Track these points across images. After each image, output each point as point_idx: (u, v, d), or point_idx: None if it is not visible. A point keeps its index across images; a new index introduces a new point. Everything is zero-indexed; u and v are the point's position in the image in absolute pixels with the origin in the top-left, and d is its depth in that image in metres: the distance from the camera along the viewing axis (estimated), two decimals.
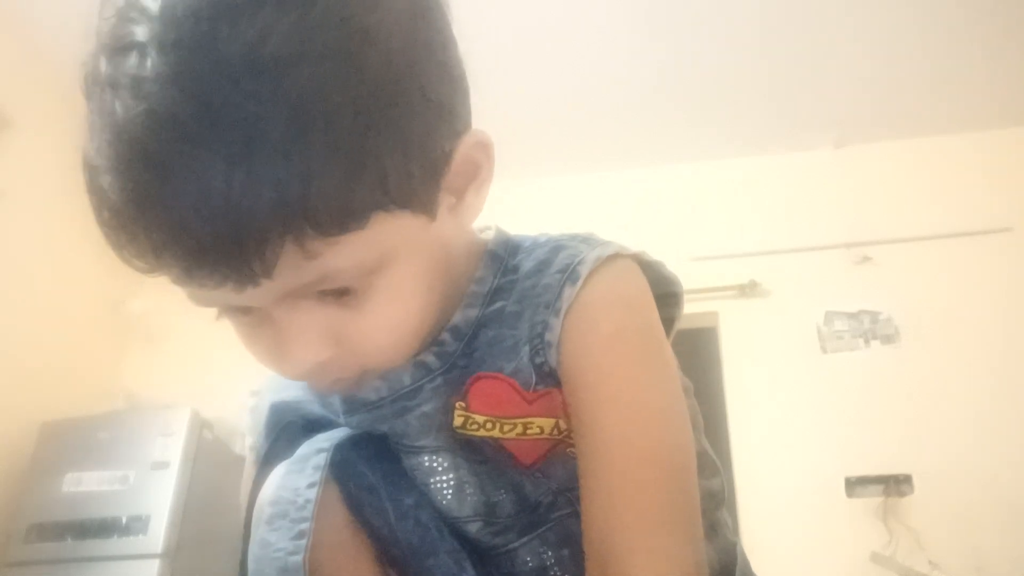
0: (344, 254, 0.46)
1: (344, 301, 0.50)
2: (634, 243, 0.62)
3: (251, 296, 0.47)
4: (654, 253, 0.64)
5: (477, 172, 0.56)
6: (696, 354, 3.11)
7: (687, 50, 2.97)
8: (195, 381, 3.08)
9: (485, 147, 0.56)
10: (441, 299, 0.58)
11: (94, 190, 0.47)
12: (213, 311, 0.53)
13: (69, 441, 2.66)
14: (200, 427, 2.66)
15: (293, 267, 0.45)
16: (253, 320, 0.52)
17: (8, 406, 2.75)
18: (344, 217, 0.45)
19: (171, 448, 2.56)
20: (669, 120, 3.26)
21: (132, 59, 0.44)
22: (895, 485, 2.71)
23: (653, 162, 3.40)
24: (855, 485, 2.74)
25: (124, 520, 2.47)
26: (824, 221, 3.18)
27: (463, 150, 0.53)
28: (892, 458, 2.75)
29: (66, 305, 3.12)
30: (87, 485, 2.54)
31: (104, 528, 2.46)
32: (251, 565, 0.55)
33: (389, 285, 0.51)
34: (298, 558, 0.53)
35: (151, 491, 2.50)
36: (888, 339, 2.97)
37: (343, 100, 0.44)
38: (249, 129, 0.42)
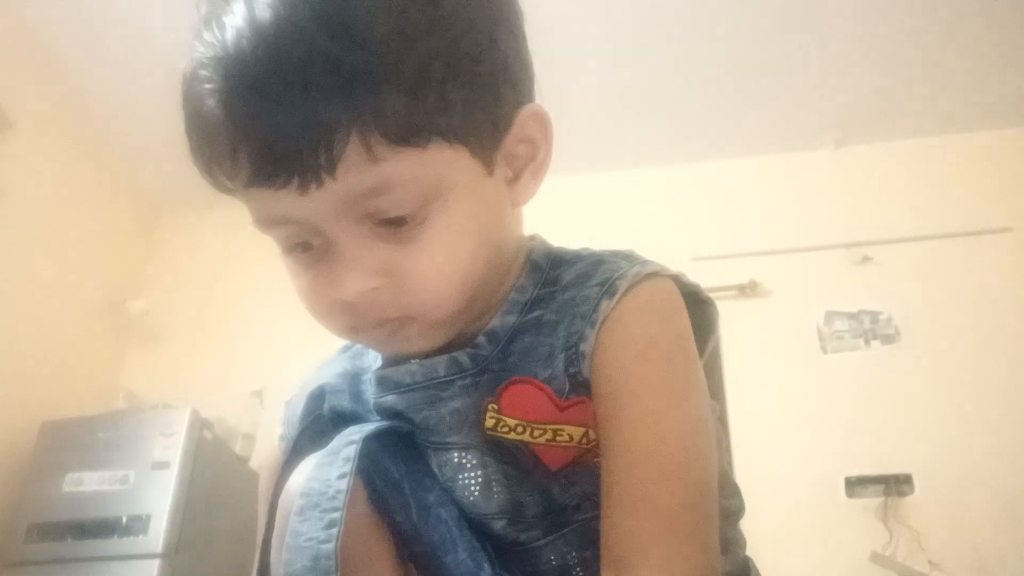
0: (404, 166, 0.51)
1: (398, 234, 0.54)
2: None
3: (313, 202, 0.51)
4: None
5: (535, 153, 0.61)
6: None
7: (687, 50, 2.97)
8: (195, 381, 3.09)
9: (542, 120, 0.61)
10: (487, 272, 0.60)
11: (189, 92, 0.52)
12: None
13: (69, 441, 2.66)
14: (200, 427, 2.66)
15: (356, 167, 0.49)
16: (310, 258, 0.56)
17: (8, 406, 2.75)
18: (408, 127, 0.50)
19: (171, 448, 2.56)
20: (669, 120, 3.27)
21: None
22: (895, 485, 2.71)
23: (654, 162, 3.40)
24: (855, 485, 2.74)
25: (124, 520, 2.46)
26: (824, 221, 3.18)
27: (523, 118, 0.59)
28: (892, 458, 2.75)
29: (66, 305, 3.12)
30: (87, 485, 2.54)
31: (104, 528, 2.46)
32: (284, 555, 0.55)
33: (442, 221, 0.54)
34: (330, 546, 0.53)
35: (151, 491, 2.49)
36: (888, 339, 2.97)
37: (422, 28, 0.50)
38: (337, 59, 0.48)
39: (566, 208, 3.25)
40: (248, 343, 3.16)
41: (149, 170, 3.28)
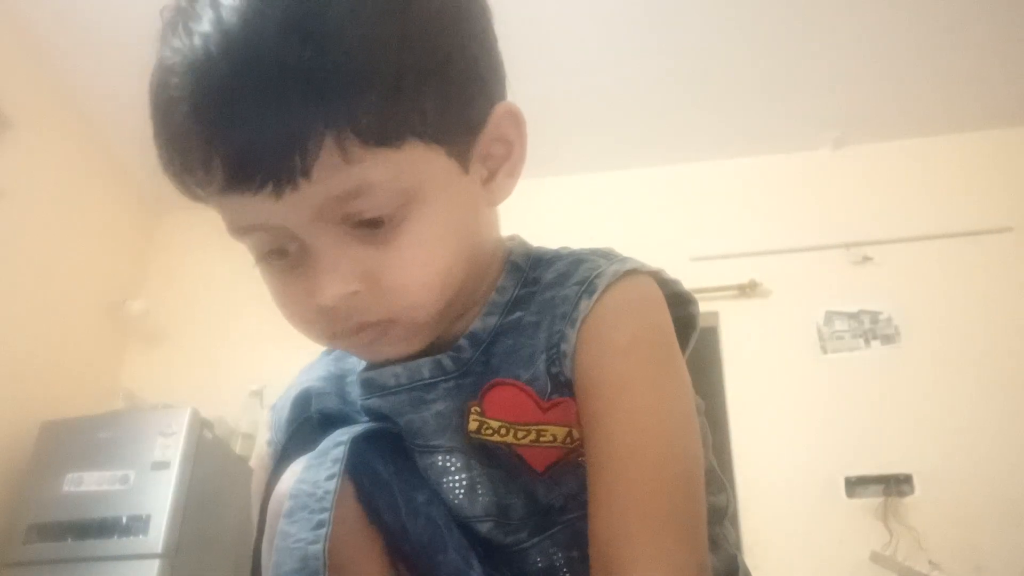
0: (380, 168, 0.51)
1: (376, 236, 0.53)
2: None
3: (289, 206, 0.50)
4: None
5: (509, 152, 0.61)
6: (696, 354, 3.10)
7: (687, 50, 2.97)
8: (195, 381, 3.09)
9: (516, 118, 0.61)
10: (466, 271, 0.59)
11: (159, 101, 0.52)
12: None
13: (69, 441, 2.66)
14: (200, 427, 2.66)
15: (331, 169, 0.49)
16: (286, 265, 0.56)
17: (8, 406, 2.75)
18: (383, 127, 0.50)
19: (171, 448, 2.56)
20: (669, 120, 3.27)
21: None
22: (895, 485, 2.71)
23: (653, 162, 3.40)
24: (855, 485, 2.74)
25: (124, 520, 2.47)
26: (824, 221, 3.18)
27: (496, 117, 0.59)
28: (892, 458, 2.75)
29: (66, 305, 3.12)
30: (87, 485, 2.54)
31: (104, 528, 2.46)
32: (274, 556, 0.55)
33: (420, 221, 0.54)
34: (318, 547, 0.53)
35: (151, 491, 2.50)
36: (888, 339, 2.97)
37: (391, 31, 0.50)
38: (308, 62, 0.48)
39: (566, 208, 3.26)
40: (248, 343, 3.16)
41: (149, 170, 3.26)
